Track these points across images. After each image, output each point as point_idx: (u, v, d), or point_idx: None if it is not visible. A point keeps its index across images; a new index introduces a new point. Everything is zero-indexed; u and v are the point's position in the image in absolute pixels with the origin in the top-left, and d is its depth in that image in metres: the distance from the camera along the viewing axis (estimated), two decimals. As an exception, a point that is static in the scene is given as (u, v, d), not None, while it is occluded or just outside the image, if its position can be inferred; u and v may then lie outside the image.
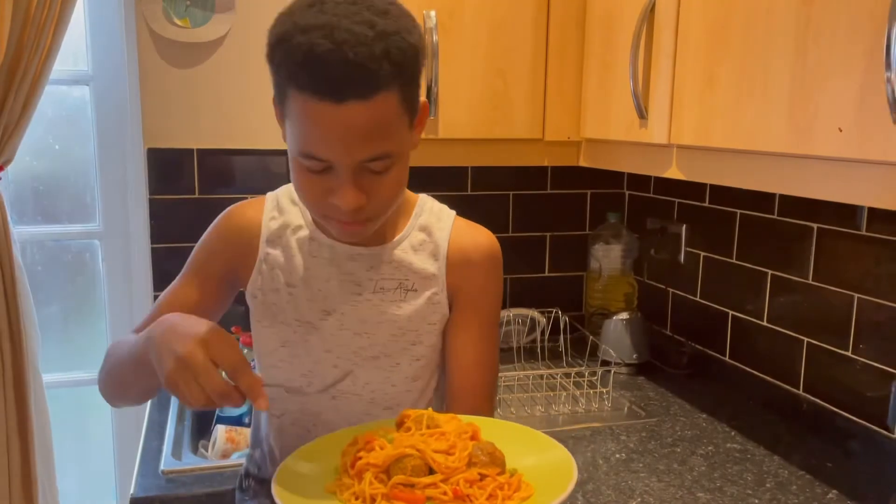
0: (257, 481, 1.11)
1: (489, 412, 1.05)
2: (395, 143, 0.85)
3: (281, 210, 1.03)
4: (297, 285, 1.01)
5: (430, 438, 0.78)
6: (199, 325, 0.80)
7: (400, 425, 0.86)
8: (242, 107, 1.90)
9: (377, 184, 0.86)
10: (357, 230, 0.90)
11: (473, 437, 0.81)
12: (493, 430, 0.85)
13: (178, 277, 1.05)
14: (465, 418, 0.86)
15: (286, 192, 1.05)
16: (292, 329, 1.01)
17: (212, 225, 1.05)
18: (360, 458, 0.78)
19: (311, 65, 0.78)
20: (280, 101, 0.85)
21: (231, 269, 1.03)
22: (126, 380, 0.96)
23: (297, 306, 1.01)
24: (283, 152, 1.92)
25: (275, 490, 0.76)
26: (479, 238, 1.04)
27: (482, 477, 0.75)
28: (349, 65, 0.77)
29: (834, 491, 1.30)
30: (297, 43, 0.78)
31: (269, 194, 1.06)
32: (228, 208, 1.06)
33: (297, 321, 1.01)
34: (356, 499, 0.73)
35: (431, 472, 0.75)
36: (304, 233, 1.01)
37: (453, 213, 1.06)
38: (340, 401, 1.02)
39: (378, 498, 0.71)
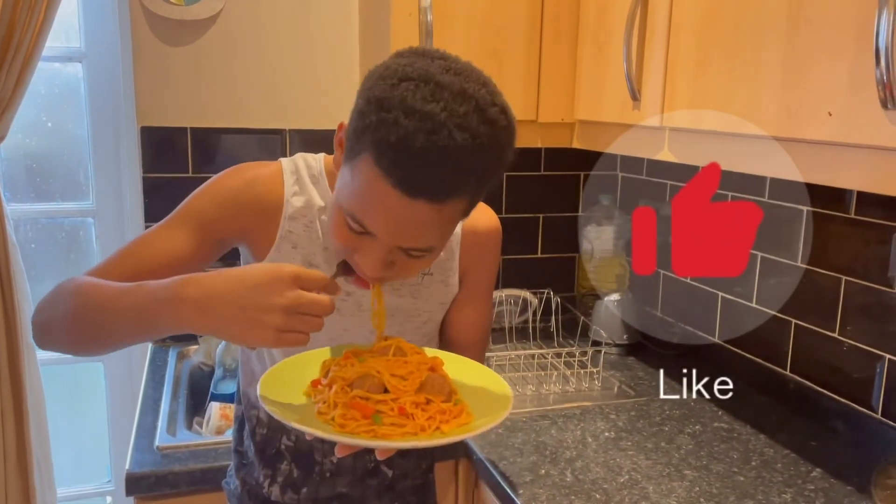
0: (257, 449, 1.12)
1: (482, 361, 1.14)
2: (443, 239, 0.85)
3: (303, 187, 1.00)
4: (319, 266, 1.01)
5: (394, 364, 0.87)
6: (275, 276, 0.76)
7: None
8: (236, 85, 1.89)
9: (407, 263, 0.86)
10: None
11: (433, 369, 0.89)
12: (455, 364, 0.95)
13: (167, 224, 0.98)
14: (432, 352, 0.95)
15: (305, 168, 1.01)
16: None
17: (224, 183, 0.99)
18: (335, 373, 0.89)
19: (401, 153, 0.75)
20: (351, 147, 0.81)
21: (243, 236, 1.00)
22: (110, 332, 0.85)
23: None
24: (278, 131, 1.92)
25: (259, 385, 0.85)
26: (488, 220, 1.10)
27: (428, 401, 0.84)
28: (438, 172, 0.75)
29: (818, 469, 1.32)
30: (397, 123, 0.74)
31: (285, 164, 1.01)
32: (241, 170, 1.00)
33: None
34: (323, 403, 0.84)
35: (388, 392, 0.85)
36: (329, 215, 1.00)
37: None
38: None
39: (339, 405, 0.82)
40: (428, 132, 0.74)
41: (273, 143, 1.93)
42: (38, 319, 0.92)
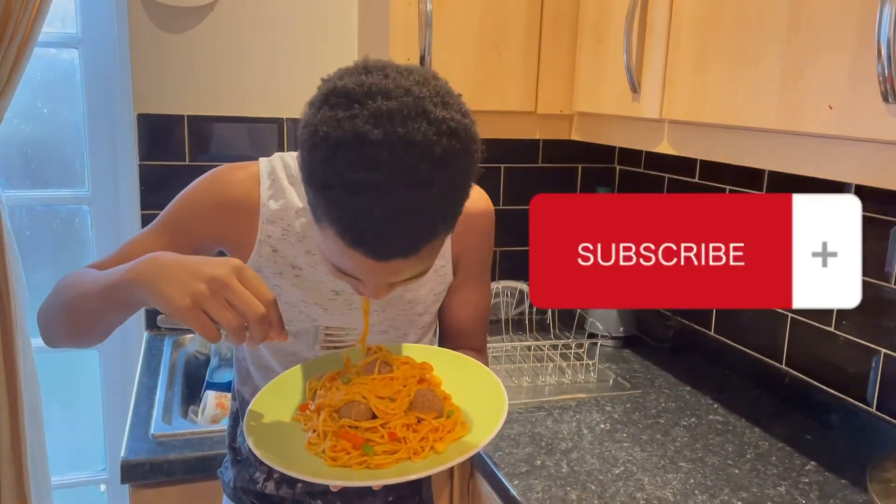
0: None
1: (483, 342, 1.15)
2: (432, 262, 0.81)
3: (279, 189, 0.97)
4: (303, 267, 0.99)
5: (379, 385, 0.86)
6: (222, 259, 0.76)
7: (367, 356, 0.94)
8: (234, 73, 1.88)
9: (407, 280, 0.83)
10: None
11: (422, 381, 0.88)
12: (446, 364, 0.93)
13: (150, 229, 0.99)
14: (421, 354, 0.94)
15: (282, 168, 0.99)
16: (298, 310, 1.00)
17: (200, 186, 0.98)
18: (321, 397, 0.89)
19: (359, 232, 0.71)
20: (312, 212, 0.77)
21: (219, 241, 0.99)
22: (86, 314, 0.87)
23: (305, 288, 0.99)
24: (275, 120, 1.91)
25: (246, 420, 0.85)
26: (479, 203, 1.05)
27: (419, 420, 0.83)
28: (402, 235, 0.71)
29: (812, 462, 1.33)
30: (344, 204, 0.70)
31: (263, 164, 0.99)
32: (218, 173, 0.99)
33: (305, 302, 1.00)
34: (313, 432, 0.84)
35: (376, 416, 0.84)
36: (309, 216, 0.96)
37: None
38: None
39: (329, 434, 0.82)
40: (378, 205, 0.69)
41: (270, 131, 1.92)
42: (39, 320, 0.95)
